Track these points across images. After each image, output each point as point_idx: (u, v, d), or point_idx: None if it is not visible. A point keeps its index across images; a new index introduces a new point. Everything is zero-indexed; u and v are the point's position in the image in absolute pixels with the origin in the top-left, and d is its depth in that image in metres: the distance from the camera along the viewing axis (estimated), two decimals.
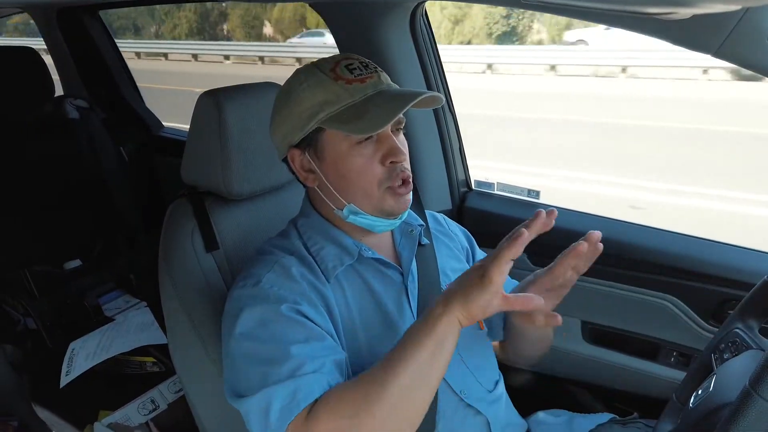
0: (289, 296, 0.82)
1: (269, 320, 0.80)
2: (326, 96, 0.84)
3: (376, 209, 0.87)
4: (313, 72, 0.87)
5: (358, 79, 0.84)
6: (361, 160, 0.85)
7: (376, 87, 0.85)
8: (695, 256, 1.31)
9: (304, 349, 0.77)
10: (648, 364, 1.38)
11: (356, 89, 0.83)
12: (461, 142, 1.68)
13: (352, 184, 0.86)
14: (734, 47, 0.68)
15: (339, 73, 0.84)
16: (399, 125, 0.88)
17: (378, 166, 0.85)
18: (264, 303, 0.82)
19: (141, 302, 2.32)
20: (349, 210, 0.88)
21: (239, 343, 0.81)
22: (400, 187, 0.86)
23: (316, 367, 0.75)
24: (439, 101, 0.87)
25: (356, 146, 0.84)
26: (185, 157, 1.10)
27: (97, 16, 2.42)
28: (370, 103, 0.83)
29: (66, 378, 1.89)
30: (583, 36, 11.73)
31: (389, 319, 0.90)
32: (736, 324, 0.90)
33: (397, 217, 0.89)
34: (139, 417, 1.72)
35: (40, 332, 2.09)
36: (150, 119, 2.54)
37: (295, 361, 0.75)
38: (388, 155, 0.84)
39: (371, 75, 0.85)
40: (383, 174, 0.85)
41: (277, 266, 0.87)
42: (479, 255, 1.14)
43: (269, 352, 0.77)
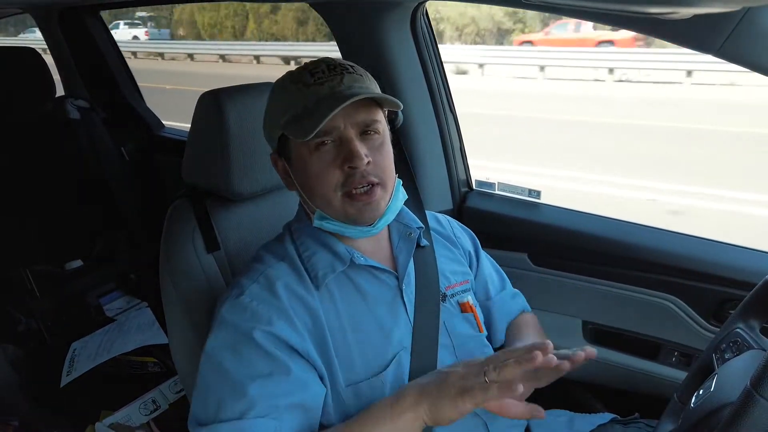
0: (265, 314, 0.82)
1: (239, 344, 0.80)
2: (288, 101, 0.85)
3: (340, 215, 0.87)
4: (284, 79, 0.89)
5: (317, 83, 0.84)
6: (320, 165, 0.84)
7: (333, 89, 0.83)
8: (696, 255, 1.31)
9: (263, 387, 0.77)
10: (649, 363, 1.38)
11: (312, 93, 0.84)
12: (462, 142, 1.68)
13: (313, 189, 0.86)
14: (735, 47, 0.68)
15: (301, 78, 0.86)
16: (366, 128, 0.85)
17: (336, 170, 0.84)
18: (239, 322, 0.82)
19: (142, 302, 2.32)
20: (318, 215, 0.88)
21: (206, 360, 0.82)
22: (362, 195, 0.85)
23: (268, 411, 0.76)
24: (396, 105, 0.86)
25: (315, 151, 0.84)
26: (186, 157, 1.10)
27: (98, 16, 2.42)
28: (318, 106, 0.82)
29: (67, 378, 1.89)
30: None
31: (382, 324, 0.89)
32: (738, 324, 0.90)
33: (368, 224, 0.88)
34: (141, 417, 1.72)
35: (41, 332, 2.09)
36: (151, 119, 2.54)
37: (247, 401, 0.76)
38: (346, 159, 0.83)
39: (332, 78, 0.84)
40: (340, 179, 0.84)
41: (262, 278, 0.86)
42: (483, 259, 1.13)
43: (230, 381, 0.78)
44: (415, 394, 0.74)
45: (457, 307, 1.00)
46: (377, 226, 0.88)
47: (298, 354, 0.82)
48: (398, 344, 0.89)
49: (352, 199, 0.85)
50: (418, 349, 0.90)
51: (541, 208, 1.54)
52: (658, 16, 0.67)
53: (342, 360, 0.84)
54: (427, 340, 0.91)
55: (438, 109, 1.59)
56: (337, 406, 0.84)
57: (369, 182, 0.84)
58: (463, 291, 1.02)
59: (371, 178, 0.84)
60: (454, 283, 1.01)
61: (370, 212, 0.86)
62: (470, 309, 1.00)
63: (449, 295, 0.99)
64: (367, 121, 0.85)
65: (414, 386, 0.76)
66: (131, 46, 15.46)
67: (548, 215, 1.52)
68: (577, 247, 1.44)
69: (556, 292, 1.48)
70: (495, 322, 1.10)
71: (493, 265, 1.16)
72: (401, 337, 0.89)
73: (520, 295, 1.17)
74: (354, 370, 0.85)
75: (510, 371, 0.69)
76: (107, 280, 2.35)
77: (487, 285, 1.11)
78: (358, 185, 0.84)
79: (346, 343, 0.85)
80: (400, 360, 0.88)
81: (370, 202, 0.85)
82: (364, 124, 0.85)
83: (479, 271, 1.11)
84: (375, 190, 0.85)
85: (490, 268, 1.14)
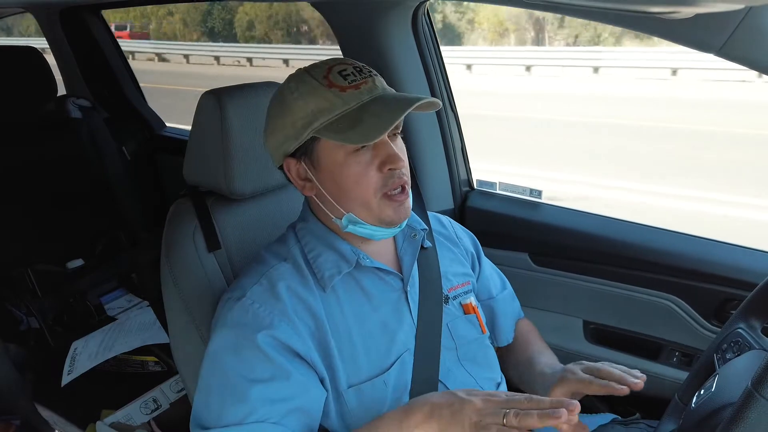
0: (266, 317, 0.81)
1: (240, 347, 0.80)
2: (319, 104, 0.81)
3: (375, 219, 0.86)
4: (305, 79, 0.84)
5: (352, 86, 0.82)
6: (358, 169, 0.83)
7: (372, 93, 0.82)
8: (697, 255, 1.31)
9: (264, 391, 0.77)
10: (650, 364, 1.38)
11: (350, 96, 0.81)
12: (463, 142, 1.68)
13: (349, 193, 0.84)
14: (737, 46, 0.68)
15: (332, 80, 0.82)
16: (396, 130, 0.85)
17: (375, 173, 0.83)
18: (240, 325, 0.81)
19: (143, 301, 2.32)
20: (348, 219, 0.87)
21: (208, 362, 0.82)
22: (398, 195, 0.85)
23: (268, 416, 0.76)
24: (436, 105, 0.85)
25: (352, 154, 0.82)
26: (187, 156, 1.10)
27: (99, 15, 2.42)
28: (365, 110, 0.80)
29: (68, 377, 1.89)
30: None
31: (386, 326, 0.89)
32: (739, 324, 0.90)
33: (396, 225, 0.88)
34: (142, 416, 1.72)
35: (42, 331, 2.09)
36: (152, 118, 2.54)
37: (249, 405, 0.76)
38: (386, 162, 0.82)
39: (365, 80, 0.83)
40: (380, 181, 0.83)
41: (264, 279, 0.86)
42: (485, 262, 1.14)
43: (231, 385, 0.78)
44: (426, 412, 0.73)
45: (459, 308, 1.00)
46: (402, 226, 0.90)
47: (299, 357, 0.81)
48: (402, 346, 0.89)
49: (392, 201, 0.85)
50: (421, 351, 0.90)
51: (542, 207, 1.53)
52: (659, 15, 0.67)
53: (346, 361, 0.84)
54: (430, 342, 0.91)
55: (439, 109, 1.59)
56: (338, 407, 0.84)
57: (403, 182, 0.85)
58: (465, 292, 1.02)
59: (404, 179, 0.85)
60: (456, 285, 1.01)
61: (404, 213, 0.87)
62: (473, 310, 1.00)
63: (452, 297, 0.99)
64: (398, 124, 0.84)
65: (425, 403, 0.74)
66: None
67: (549, 215, 1.52)
68: (579, 247, 1.44)
69: (557, 292, 1.48)
70: (499, 321, 1.10)
71: (494, 268, 1.17)
72: (405, 339, 0.89)
73: (517, 300, 1.17)
74: (358, 371, 0.85)
75: (531, 423, 0.66)
76: (108, 280, 2.35)
77: (489, 285, 1.12)
78: (396, 186, 0.84)
79: (351, 343, 0.85)
80: (404, 361, 0.88)
81: (403, 202, 0.86)
82: (395, 126, 0.83)
83: (481, 272, 1.11)
84: (406, 190, 0.86)
85: (490, 269, 1.15)
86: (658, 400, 1.11)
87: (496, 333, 1.09)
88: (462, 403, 0.71)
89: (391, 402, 0.86)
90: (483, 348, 1.01)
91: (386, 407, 0.85)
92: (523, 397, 0.69)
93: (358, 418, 0.84)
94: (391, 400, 0.86)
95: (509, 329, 1.11)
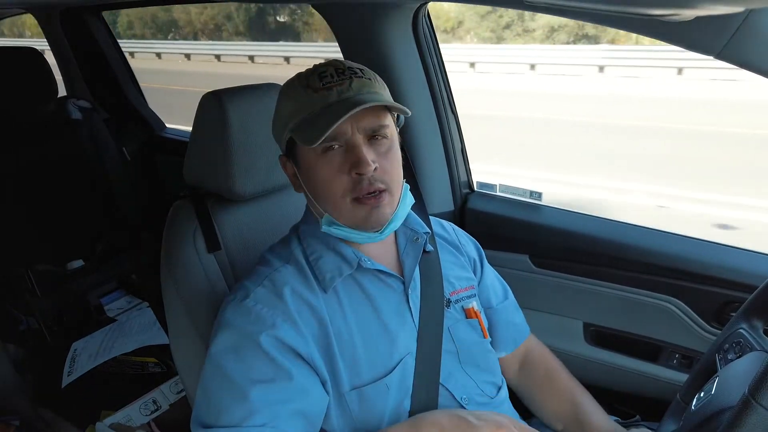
0: (270, 318, 0.81)
1: (242, 348, 0.80)
2: (294, 105, 0.85)
3: (349, 221, 0.86)
4: (293, 81, 0.88)
5: (325, 87, 0.83)
6: (328, 170, 0.83)
7: (341, 95, 0.83)
8: (697, 258, 1.31)
9: (265, 392, 0.77)
10: (650, 366, 1.38)
11: (319, 98, 0.83)
12: (463, 143, 1.68)
13: (321, 194, 0.86)
14: (737, 49, 0.68)
15: (309, 81, 0.84)
16: (374, 133, 0.84)
17: (344, 176, 0.83)
18: (243, 326, 0.81)
19: (143, 302, 2.33)
20: (326, 220, 0.88)
21: (210, 363, 0.81)
22: (369, 199, 0.83)
23: (268, 419, 0.76)
24: (404, 111, 0.85)
25: (323, 156, 0.83)
26: (187, 157, 1.10)
27: (99, 16, 2.43)
28: (324, 112, 0.81)
29: (68, 378, 1.89)
30: None
31: (388, 329, 0.88)
32: (740, 324, 0.90)
33: (376, 230, 0.87)
34: (141, 417, 1.72)
35: (42, 332, 2.09)
36: (152, 119, 2.54)
37: (248, 407, 0.76)
38: (354, 165, 0.82)
39: (341, 82, 0.83)
40: (348, 184, 0.83)
41: (267, 281, 0.86)
42: (487, 270, 1.13)
43: (231, 385, 0.78)
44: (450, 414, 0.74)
45: (461, 312, 1.00)
46: (384, 232, 0.88)
47: (302, 359, 0.81)
48: (404, 349, 0.89)
49: (361, 204, 0.84)
50: (423, 354, 0.90)
51: (542, 209, 1.53)
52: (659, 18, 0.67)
53: (347, 363, 0.84)
54: (432, 345, 0.91)
55: (439, 110, 1.59)
56: (340, 410, 0.84)
57: (376, 189, 0.83)
58: (467, 296, 1.02)
59: (378, 185, 0.83)
60: (459, 289, 1.01)
61: (377, 218, 0.85)
62: (475, 315, 1.00)
63: (453, 300, 0.99)
64: (375, 127, 0.83)
65: (434, 424, 0.75)
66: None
67: (549, 217, 1.51)
68: (579, 249, 1.44)
69: (557, 294, 1.48)
70: (498, 331, 1.10)
71: (496, 276, 1.16)
72: (407, 342, 0.89)
73: (521, 312, 1.16)
74: (359, 374, 0.84)
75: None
76: (108, 280, 2.35)
77: (489, 294, 1.11)
78: (366, 191, 0.83)
79: (353, 346, 0.85)
80: (405, 364, 0.88)
81: (378, 205, 0.84)
82: (372, 130, 0.83)
83: (482, 280, 1.11)
84: (382, 195, 0.84)
85: (493, 277, 1.14)
86: (658, 401, 1.11)
87: (493, 342, 1.09)
88: (474, 430, 0.72)
89: (392, 405, 0.86)
90: (484, 352, 1.01)
91: (388, 410, 0.85)
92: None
93: (359, 421, 0.84)
94: (393, 403, 0.86)
95: (508, 341, 1.11)
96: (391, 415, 0.85)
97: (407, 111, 0.85)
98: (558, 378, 1.09)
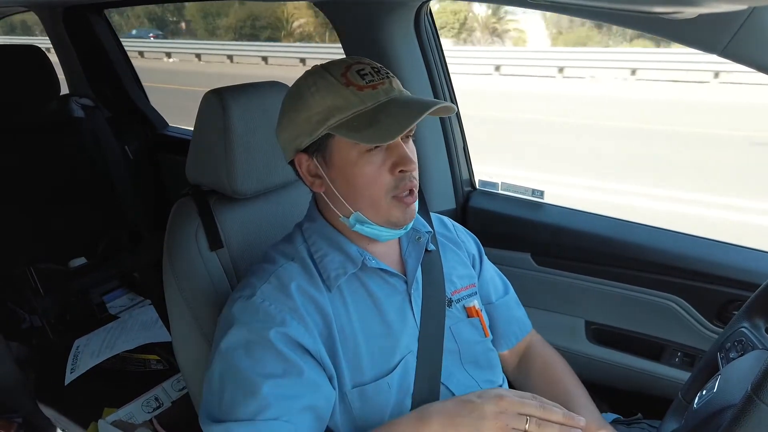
0: (278, 315, 0.81)
1: (253, 343, 0.80)
2: (336, 102, 0.82)
3: (383, 219, 0.86)
4: (324, 76, 0.84)
5: (369, 86, 0.82)
6: (371, 168, 0.83)
7: (388, 94, 0.83)
8: (700, 256, 1.31)
9: (277, 387, 0.77)
10: (652, 364, 1.38)
11: (367, 96, 0.81)
12: (465, 142, 1.68)
13: (360, 193, 0.85)
14: (740, 47, 0.68)
15: (350, 78, 0.82)
16: (409, 133, 0.86)
17: (387, 174, 0.83)
18: (252, 323, 0.81)
19: (145, 300, 2.33)
20: (356, 218, 0.87)
21: (220, 359, 0.81)
22: (407, 197, 0.85)
23: (280, 413, 0.76)
24: (451, 110, 0.85)
25: (366, 154, 0.82)
26: (190, 155, 1.10)
27: (102, 14, 2.43)
28: (381, 111, 0.81)
29: (71, 375, 1.89)
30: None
31: (391, 328, 0.89)
32: (743, 323, 0.90)
33: (402, 227, 0.88)
34: (143, 414, 1.72)
35: (44, 330, 2.10)
36: (155, 118, 2.54)
37: (261, 402, 0.76)
38: (398, 164, 0.83)
39: (383, 81, 0.83)
40: (391, 183, 0.84)
41: (274, 278, 0.86)
42: (486, 265, 1.13)
43: (243, 380, 0.78)
44: (442, 421, 0.73)
45: (463, 311, 1.00)
46: (407, 228, 0.90)
47: (310, 355, 0.82)
48: (405, 348, 0.89)
49: (401, 203, 0.85)
50: (424, 354, 0.90)
51: (544, 207, 1.53)
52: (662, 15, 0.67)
53: (350, 361, 0.84)
54: (433, 345, 0.91)
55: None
56: (342, 408, 0.84)
57: (413, 185, 0.85)
58: (468, 295, 1.02)
59: (415, 182, 0.86)
60: (460, 288, 1.01)
61: (411, 215, 0.87)
62: (476, 313, 1.00)
63: (455, 300, 0.99)
64: (412, 127, 0.84)
65: (441, 411, 0.75)
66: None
67: (551, 215, 1.51)
68: (581, 247, 1.44)
69: (558, 292, 1.48)
70: (498, 327, 1.10)
71: (496, 272, 1.16)
72: (408, 341, 0.89)
73: (522, 307, 1.16)
74: (361, 372, 0.85)
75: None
76: (111, 278, 2.36)
77: (489, 289, 1.11)
78: (407, 189, 0.85)
79: (356, 344, 0.85)
80: (407, 364, 0.88)
81: (410, 204, 0.86)
82: (409, 129, 0.84)
83: (482, 275, 1.11)
84: (414, 193, 0.86)
85: (492, 272, 1.14)
86: (659, 399, 1.11)
87: (495, 340, 1.09)
88: (481, 411, 0.72)
89: (394, 404, 0.86)
90: (485, 351, 1.01)
91: (389, 409, 0.85)
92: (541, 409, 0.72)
93: (361, 419, 0.84)
94: (394, 402, 0.86)
95: (509, 336, 1.11)
96: (392, 414, 0.85)
97: (455, 108, 0.86)
98: (554, 370, 1.08)
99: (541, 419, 0.71)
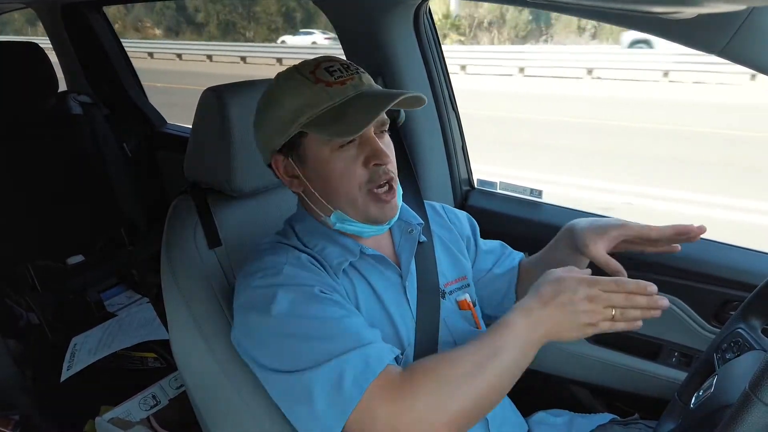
0: (314, 275, 0.83)
1: (307, 300, 0.79)
2: (306, 99, 0.83)
3: (362, 216, 0.87)
4: (293, 75, 0.86)
5: (338, 82, 0.83)
6: (343, 164, 0.84)
7: (357, 89, 0.83)
8: (697, 256, 1.31)
9: (351, 324, 0.77)
10: (649, 364, 1.38)
11: (336, 92, 0.82)
12: (464, 140, 1.68)
13: (336, 189, 0.85)
14: (739, 47, 0.68)
15: (319, 75, 0.83)
16: (382, 127, 0.86)
17: (360, 168, 0.84)
18: (295, 286, 0.80)
19: (143, 298, 2.33)
20: (337, 217, 0.88)
21: (280, 322, 0.78)
22: (385, 194, 0.85)
23: (375, 337, 0.77)
24: (422, 101, 0.85)
25: (338, 150, 0.83)
26: (188, 153, 1.10)
27: (101, 11, 2.42)
28: (349, 105, 0.82)
29: (67, 372, 1.89)
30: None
31: (392, 319, 0.90)
32: (739, 324, 0.90)
33: (383, 224, 0.89)
34: (141, 412, 1.72)
35: (42, 327, 2.09)
36: (153, 115, 2.54)
37: (353, 333, 0.76)
38: (371, 158, 0.84)
39: (351, 77, 0.84)
40: (365, 176, 0.84)
41: (292, 257, 0.86)
42: (481, 243, 1.14)
43: (318, 329, 0.76)
44: (547, 295, 0.74)
45: (455, 305, 1.00)
46: (390, 224, 0.91)
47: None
48: (405, 340, 0.90)
49: (376, 200, 0.85)
50: (421, 344, 0.90)
51: (542, 207, 1.53)
52: (661, 15, 0.67)
53: None
54: (429, 337, 0.92)
55: (440, 108, 1.59)
56: None
57: (389, 179, 0.86)
58: (459, 288, 1.03)
59: (390, 175, 0.86)
60: (452, 280, 1.02)
61: (390, 212, 0.88)
62: (468, 307, 1.01)
63: (448, 292, 1.00)
64: (383, 120, 0.85)
65: (544, 293, 0.75)
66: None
67: (549, 215, 1.51)
68: None
69: None
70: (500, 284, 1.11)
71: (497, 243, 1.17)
72: (407, 333, 0.90)
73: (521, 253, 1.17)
74: None
75: (635, 315, 0.73)
76: (108, 276, 2.35)
77: (488, 258, 1.13)
78: (382, 183, 0.85)
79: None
80: (406, 357, 0.88)
81: (389, 201, 0.86)
82: (381, 123, 0.85)
83: (478, 250, 1.12)
84: (393, 190, 0.87)
85: (490, 244, 1.15)
86: (656, 400, 1.11)
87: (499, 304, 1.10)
88: (572, 303, 0.73)
89: None
90: None
91: None
92: (620, 295, 0.73)
93: None
94: None
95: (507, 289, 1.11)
96: None
97: (425, 99, 0.85)
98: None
99: (624, 308, 0.72)
